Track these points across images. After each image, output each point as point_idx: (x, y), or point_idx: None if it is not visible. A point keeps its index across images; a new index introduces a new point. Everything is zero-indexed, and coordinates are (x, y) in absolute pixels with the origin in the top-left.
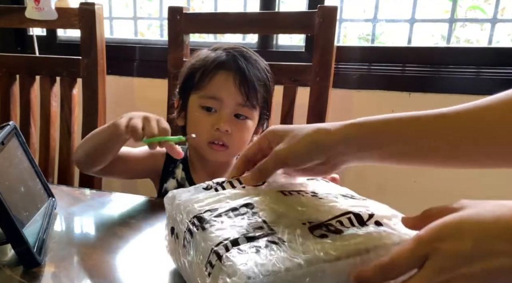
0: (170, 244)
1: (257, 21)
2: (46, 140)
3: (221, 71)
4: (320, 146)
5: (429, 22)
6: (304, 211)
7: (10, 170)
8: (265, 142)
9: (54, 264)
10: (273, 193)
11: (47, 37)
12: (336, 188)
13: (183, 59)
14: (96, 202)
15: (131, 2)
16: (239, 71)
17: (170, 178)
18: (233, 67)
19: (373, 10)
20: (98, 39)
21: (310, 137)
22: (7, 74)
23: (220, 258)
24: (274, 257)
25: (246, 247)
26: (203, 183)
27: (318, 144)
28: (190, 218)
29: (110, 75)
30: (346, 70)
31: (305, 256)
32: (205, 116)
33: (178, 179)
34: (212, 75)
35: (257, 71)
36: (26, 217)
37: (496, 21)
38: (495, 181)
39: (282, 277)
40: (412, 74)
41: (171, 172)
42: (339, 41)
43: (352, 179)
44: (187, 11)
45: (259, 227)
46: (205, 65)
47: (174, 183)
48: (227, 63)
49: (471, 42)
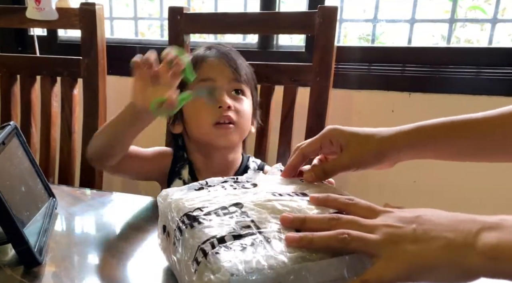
0: (162, 242)
1: (257, 21)
2: (46, 140)
3: (208, 59)
4: (386, 156)
5: (429, 22)
6: (292, 211)
7: (10, 170)
8: (326, 141)
9: (55, 263)
10: (264, 194)
11: (47, 37)
12: (326, 188)
13: None
14: (96, 202)
15: (131, 2)
16: (223, 54)
17: (177, 178)
18: (217, 53)
19: (373, 10)
20: (99, 39)
21: (376, 149)
22: (8, 74)
23: (205, 255)
24: (259, 255)
25: (232, 245)
26: (197, 183)
27: (385, 154)
28: (180, 216)
29: (111, 75)
30: (346, 70)
31: (290, 254)
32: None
33: (185, 180)
34: (200, 63)
35: (237, 55)
36: (26, 217)
37: (497, 21)
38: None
39: (266, 274)
40: (412, 75)
41: (177, 172)
42: (339, 41)
43: (353, 179)
44: (187, 11)
45: (247, 226)
46: (193, 60)
47: (181, 184)
48: (211, 52)
49: (471, 43)
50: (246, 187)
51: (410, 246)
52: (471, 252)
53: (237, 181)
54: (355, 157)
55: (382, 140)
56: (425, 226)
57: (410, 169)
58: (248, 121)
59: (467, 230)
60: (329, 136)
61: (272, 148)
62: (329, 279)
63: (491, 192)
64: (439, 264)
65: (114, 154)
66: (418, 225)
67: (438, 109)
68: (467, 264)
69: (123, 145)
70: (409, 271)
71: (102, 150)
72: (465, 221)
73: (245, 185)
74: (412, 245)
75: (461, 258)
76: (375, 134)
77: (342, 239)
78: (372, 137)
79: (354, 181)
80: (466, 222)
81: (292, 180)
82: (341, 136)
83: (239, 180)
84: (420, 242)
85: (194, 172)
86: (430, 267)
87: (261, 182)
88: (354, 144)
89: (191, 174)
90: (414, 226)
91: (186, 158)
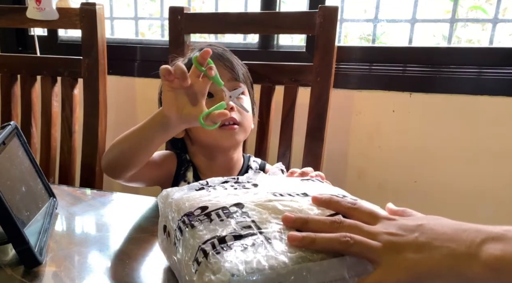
0: (163, 242)
1: (258, 21)
2: (47, 140)
3: None
4: None
5: (430, 22)
6: (293, 212)
7: (11, 170)
8: None
9: (55, 263)
10: (264, 194)
11: (48, 37)
12: (328, 188)
13: None
14: (97, 202)
15: (132, 2)
16: (219, 55)
17: (182, 181)
18: (212, 55)
19: (374, 10)
20: (99, 39)
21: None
22: (9, 74)
23: (206, 255)
24: (260, 255)
25: (233, 245)
26: (197, 183)
27: None
28: (181, 216)
29: (111, 75)
30: (347, 70)
31: (290, 254)
32: (207, 103)
33: (190, 182)
34: None
35: (231, 55)
36: (27, 217)
37: (498, 21)
38: (495, 181)
39: (266, 275)
40: (413, 75)
41: (182, 175)
42: (340, 41)
43: (353, 178)
44: (188, 11)
45: (248, 226)
46: (187, 64)
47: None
48: None
49: (472, 42)
50: (246, 187)
51: (411, 255)
52: (474, 262)
53: (238, 181)
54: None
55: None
56: (427, 235)
57: (411, 169)
58: (250, 119)
59: (470, 240)
60: None
61: (273, 147)
62: (329, 279)
63: (492, 192)
64: (440, 272)
65: (135, 163)
66: (420, 234)
67: (439, 109)
68: (469, 273)
69: (147, 154)
70: (409, 278)
71: (122, 159)
72: (468, 231)
73: (245, 185)
74: (413, 254)
75: (464, 267)
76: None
77: (344, 241)
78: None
79: (354, 181)
80: (469, 231)
81: (293, 179)
82: None
83: (239, 180)
84: (421, 251)
85: (198, 174)
86: (431, 274)
87: (261, 182)
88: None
89: (195, 174)
90: (416, 235)
91: (189, 160)
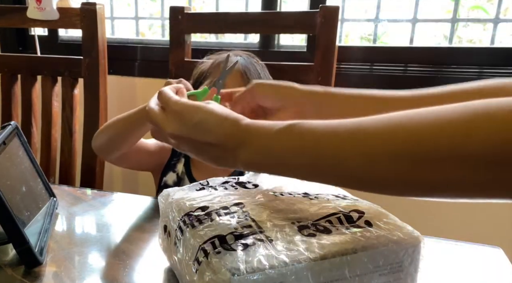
0: (163, 242)
1: (259, 21)
2: (47, 140)
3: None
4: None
5: (431, 22)
6: (294, 211)
7: (11, 170)
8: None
9: (55, 263)
10: (264, 193)
11: (48, 37)
12: (328, 188)
13: (184, 59)
14: (97, 202)
15: (132, 2)
16: (242, 65)
17: (171, 171)
18: (234, 74)
19: (375, 10)
20: (100, 39)
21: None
22: (9, 74)
23: (207, 255)
24: (260, 254)
25: (233, 244)
26: (198, 183)
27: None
28: (181, 216)
29: (112, 75)
30: (348, 70)
31: (291, 254)
32: None
33: (179, 173)
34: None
35: (257, 66)
36: (27, 217)
37: (499, 21)
38: None
39: (266, 274)
40: (414, 74)
41: (172, 165)
42: (341, 41)
43: None
44: (188, 11)
45: (248, 225)
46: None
47: (174, 177)
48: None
49: (473, 42)
50: (247, 187)
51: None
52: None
53: (239, 182)
54: None
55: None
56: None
57: None
58: None
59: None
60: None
61: None
62: (330, 279)
63: None
64: None
65: (119, 149)
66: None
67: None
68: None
69: (129, 143)
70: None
71: (107, 144)
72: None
73: (246, 185)
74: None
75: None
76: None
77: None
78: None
79: None
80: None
81: (293, 179)
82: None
83: (240, 180)
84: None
85: (189, 165)
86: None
87: (262, 182)
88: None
89: (186, 166)
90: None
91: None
